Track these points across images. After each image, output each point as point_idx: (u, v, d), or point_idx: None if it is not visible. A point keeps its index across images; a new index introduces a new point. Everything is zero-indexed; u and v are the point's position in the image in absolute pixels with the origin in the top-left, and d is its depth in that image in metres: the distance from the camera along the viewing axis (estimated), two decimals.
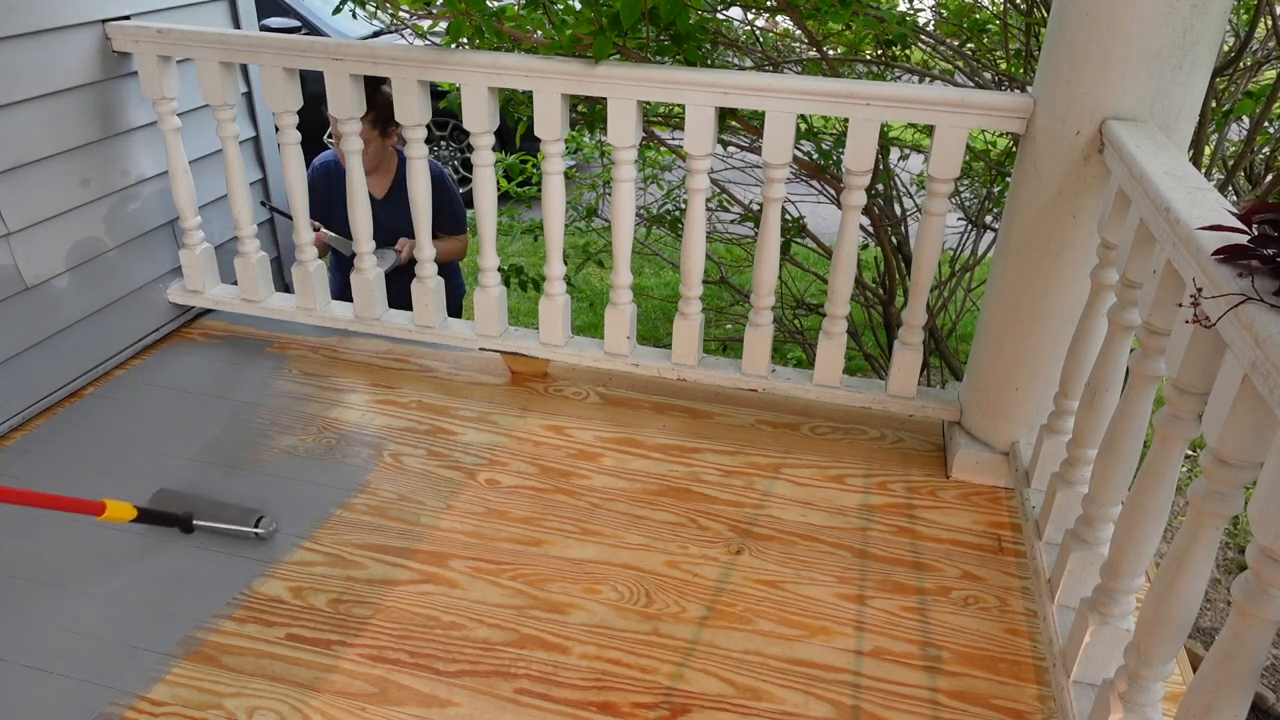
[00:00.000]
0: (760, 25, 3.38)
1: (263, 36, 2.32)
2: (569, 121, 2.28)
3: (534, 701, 1.58)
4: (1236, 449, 1.06)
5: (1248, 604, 0.99)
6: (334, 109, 2.32)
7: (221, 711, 1.54)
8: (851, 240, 2.18)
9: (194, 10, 2.72)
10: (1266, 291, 0.98)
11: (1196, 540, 1.16)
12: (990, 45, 3.12)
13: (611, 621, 1.76)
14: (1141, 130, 1.64)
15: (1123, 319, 1.57)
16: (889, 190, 3.18)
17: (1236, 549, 3.53)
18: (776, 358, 4.40)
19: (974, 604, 1.83)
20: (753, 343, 2.36)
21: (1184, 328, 1.16)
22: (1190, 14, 1.62)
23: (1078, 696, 1.50)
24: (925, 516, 2.08)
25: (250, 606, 1.76)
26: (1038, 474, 2.00)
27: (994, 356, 2.10)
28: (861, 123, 2.01)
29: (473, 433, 2.33)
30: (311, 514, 2.02)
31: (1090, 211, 1.82)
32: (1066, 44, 1.74)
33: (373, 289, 2.56)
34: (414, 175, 2.37)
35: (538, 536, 1.97)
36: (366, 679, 1.61)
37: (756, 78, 2.04)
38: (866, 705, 1.60)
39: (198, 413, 2.38)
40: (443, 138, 6.49)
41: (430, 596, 1.80)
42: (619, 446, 2.30)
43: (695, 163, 2.17)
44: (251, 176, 3.03)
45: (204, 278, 2.70)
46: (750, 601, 1.82)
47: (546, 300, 2.48)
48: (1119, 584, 1.44)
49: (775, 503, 2.11)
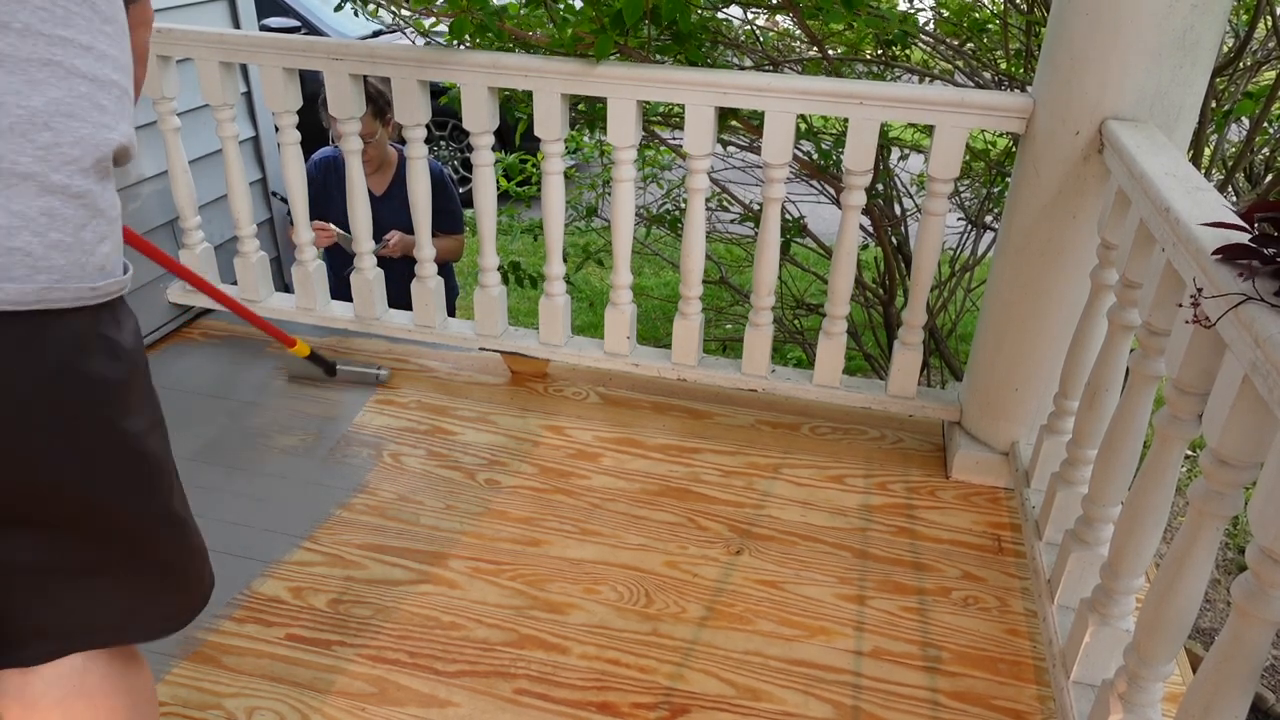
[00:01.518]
0: (760, 25, 3.38)
1: (263, 36, 2.32)
2: (569, 121, 2.28)
3: (533, 701, 1.58)
4: (1236, 449, 1.06)
5: (1248, 604, 0.99)
6: (334, 109, 2.32)
7: (221, 711, 1.54)
8: (851, 240, 2.18)
9: (194, 10, 2.72)
10: (1267, 291, 0.98)
11: (1196, 540, 1.16)
12: (990, 45, 3.12)
13: (611, 622, 1.76)
14: (1141, 130, 1.64)
15: (1123, 319, 1.57)
16: (889, 190, 3.18)
17: (1236, 549, 3.52)
18: (776, 358, 4.40)
19: (974, 604, 1.83)
20: (753, 343, 2.36)
21: (1184, 328, 1.16)
22: (1190, 14, 1.62)
23: (1077, 697, 1.50)
24: (925, 517, 2.08)
25: (250, 606, 1.76)
26: (1037, 474, 2.00)
27: (994, 356, 2.10)
28: (861, 123, 2.01)
29: (472, 433, 2.33)
30: (311, 514, 2.02)
31: (1090, 211, 1.82)
32: (1066, 44, 1.74)
33: (373, 289, 2.56)
34: (414, 175, 2.37)
35: (537, 536, 1.97)
36: (366, 679, 1.61)
37: (756, 78, 2.04)
38: (866, 705, 1.60)
39: (198, 413, 2.38)
40: (442, 138, 6.49)
41: (430, 596, 1.80)
42: (619, 446, 2.30)
43: (695, 163, 2.17)
44: (251, 176, 3.03)
45: (204, 278, 2.69)
46: (750, 602, 1.82)
47: (546, 300, 2.48)
48: (1119, 584, 1.44)
49: (775, 503, 2.11)
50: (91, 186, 0.85)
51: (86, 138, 0.84)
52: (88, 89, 0.85)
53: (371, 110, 2.76)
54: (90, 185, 0.85)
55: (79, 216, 0.84)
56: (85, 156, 0.84)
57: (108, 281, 0.88)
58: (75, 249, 0.84)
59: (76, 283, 0.84)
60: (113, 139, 0.88)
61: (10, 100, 0.79)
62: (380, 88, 2.77)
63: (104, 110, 0.87)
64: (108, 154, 0.87)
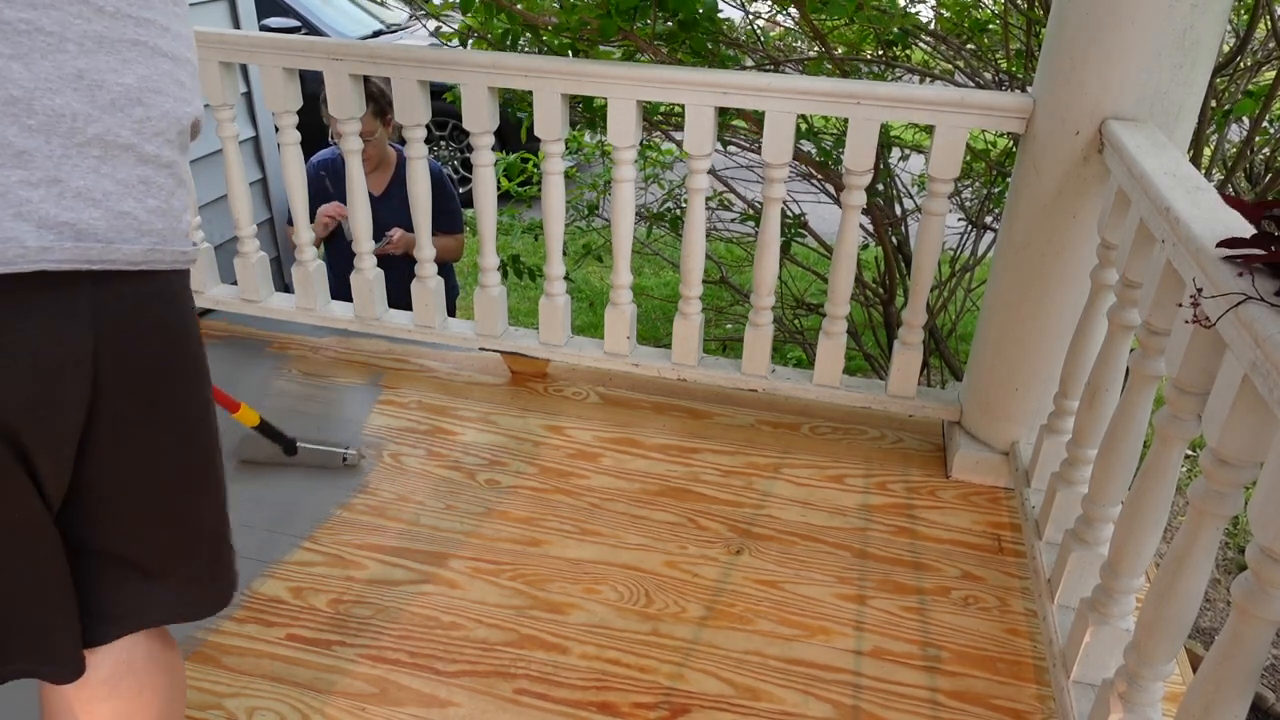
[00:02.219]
0: (760, 24, 3.38)
1: (263, 36, 2.32)
2: (569, 121, 2.28)
3: (534, 701, 1.58)
4: (1236, 449, 1.06)
5: (1248, 604, 0.99)
6: (334, 109, 2.32)
7: (221, 711, 1.54)
8: (851, 240, 2.18)
9: (194, 10, 2.73)
10: (1267, 291, 0.98)
11: (1196, 540, 1.16)
12: (991, 45, 3.12)
13: (611, 621, 1.76)
14: (1141, 130, 1.64)
15: (1123, 319, 1.57)
16: (889, 190, 3.18)
17: (1236, 549, 3.53)
18: (776, 358, 4.40)
19: (974, 604, 1.83)
20: (753, 342, 2.36)
21: (1184, 328, 1.16)
22: (1190, 14, 1.62)
23: (1077, 696, 1.50)
24: (925, 516, 2.08)
25: (250, 606, 1.76)
26: (1037, 474, 2.00)
27: (994, 356, 2.10)
28: (861, 123, 2.01)
29: (473, 433, 2.33)
30: (311, 514, 2.02)
31: (1090, 211, 1.82)
32: (1066, 44, 1.74)
33: (372, 289, 2.56)
34: (414, 175, 2.37)
35: (537, 536, 1.97)
36: (366, 679, 1.61)
37: (756, 78, 2.04)
38: (866, 705, 1.60)
39: None
40: (442, 138, 6.49)
41: (430, 596, 1.80)
42: (619, 446, 2.30)
43: (695, 162, 2.17)
44: (251, 176, 3.03)
45: (204, 278, 2.70)
46: (750, 601, 1.82)
47: (546, 300, 2.48)
48: (1119, 584, 1.44)
49: (775, 503, 2.11)
50: (177, 157, 0.93)
51: (170, 111, 0.91)
52: (170, 66, 0.91)
53: (372, 109, 2.77)
54: (176, 156, 0.92)
55: (169, 184, 0.91)
56: (170, 129, 0.91)
57: (194, 248, 0.97)
58: (169, 215, 0.92)
59: (173, 245, 0.92)
60: (190, 112, 0.94)
61: (110, 78, 0.84)
62: (382, 87, 2.78)
63: (183, 86, 0.93)
64: (187, 126, 0.94)
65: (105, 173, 0.84)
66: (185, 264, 0.94)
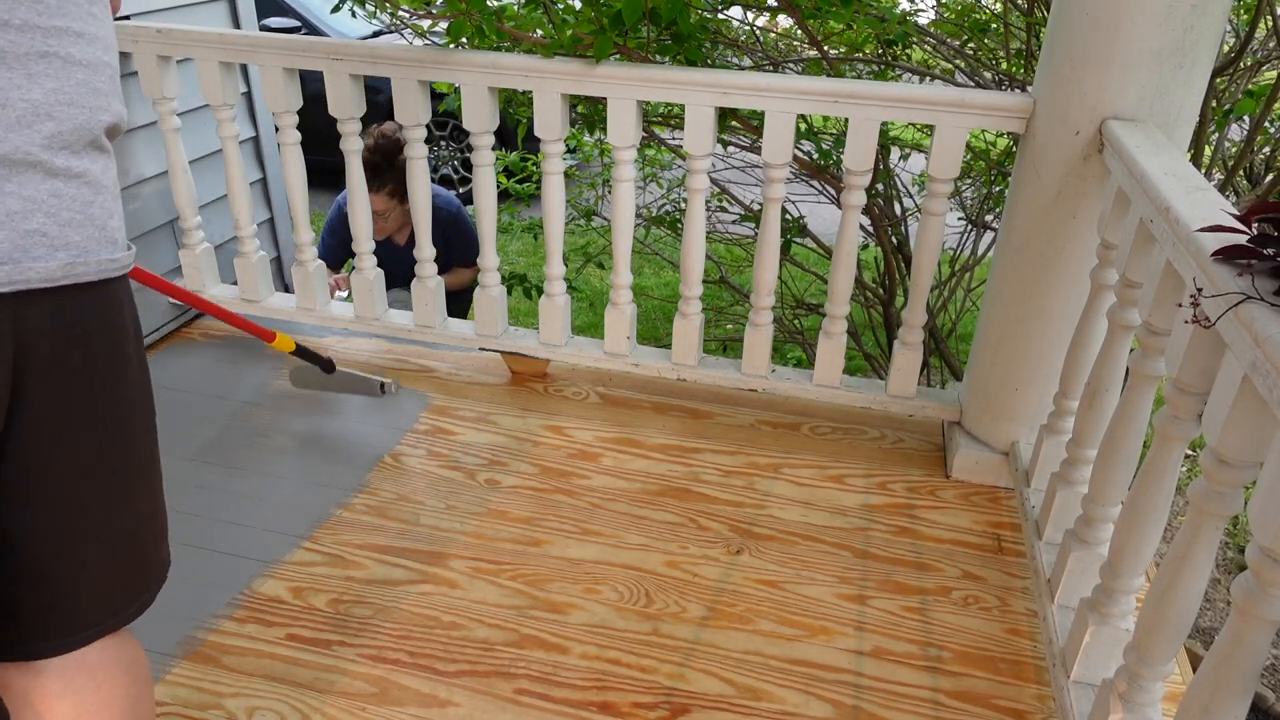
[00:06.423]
0: (760, 25, 3.38)
1: (263, 36, 2.32)
2: (569, 121, 2.28)
3: (534, 701, 1.58)
4: (1236, 449, 1.06)
5: (1248, 604, 0.99)
6: (334, 109, 2.32)
7: (221, 711, 1.54)
8: (851, 240, 2.18)
9: (194, 10, 2.72)
10: (1266, 291, 0.98)
11: (1196, 540, 1.16)
12: (991, 45, 3.12)
13: (611, 621, 1.76)
14: (1141, 130, 1.64)
15: (1122, 319, 1.57)
16: (889, 190, 3.18)
17: (1236, 549, 3.53)
18: (776, 358, 4.40)
19: (974, 604, 1.83)
20: (753, 343, 2.36)
21: (1184, 328, 1.16)
22: (1190, 14, 1.62)
23: (1078, 696, 1.50)
24: (925, 516, 2.08)
25: (250, 606, 1.76)
26: (1038, 474, 2.00)
27: (994, 356, 2.10)
28: (861, 123, 2.01)
29: (473, 433, 2.33)
30: (311, 514, 2.02)
31: (1090, 211, 1.82)
32: (1066, 44, 1.74)
33: (372, 289, 2.56)
34: (414, 176, 2.37)
35: (537, 536, 1.97)
36: (366, 679, 1.61)
37: (756, 78, 2.04)
38: (867, 705, 1.60)
39: (198, 413, 2.38)
40: (443, 138, 6.49)
41: (430, 596, 1.80)
42: (619, 446, 2.30)
43: (695, 163, 2.17)
44: (251, 176, 3.03)
45: (204, 277, 2.70)
46: (750, 601, 1.82)
47: (546, 300, 2.48)
48: (1119, 584, 1.44)
49: (775, 503, 2.11)
50: (89, 166, 0.91)
51: (84, 123, 0.90)
52: (84, 75, 0.90)
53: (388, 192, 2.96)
54: (87, 165, 0.91)
55: (84, 194, 0.90)
56: (80, 140, 0.90)
57: (125, 254, 0.95)
58: (87, 225, 0.90)
59: (97, 255, 0.90)
60: (105, 119, 0.93)
61: (14, 95, 0.83)
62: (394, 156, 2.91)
63: (98, 93, 0.92)
64: (100, 134, 0.93)
65: (10, 191, 0.83)
66: (116, 271, 0.93)
